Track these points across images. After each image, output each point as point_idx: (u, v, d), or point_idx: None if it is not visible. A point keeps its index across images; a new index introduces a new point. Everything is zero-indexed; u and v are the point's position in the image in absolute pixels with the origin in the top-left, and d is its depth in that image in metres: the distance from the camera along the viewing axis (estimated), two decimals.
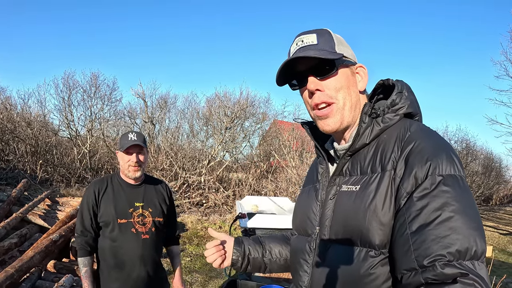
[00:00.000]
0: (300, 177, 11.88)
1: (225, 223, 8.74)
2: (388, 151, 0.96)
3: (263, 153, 15.80)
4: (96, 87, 13.57)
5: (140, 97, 14.45)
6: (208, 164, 12.26)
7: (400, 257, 0.85)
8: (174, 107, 16.22)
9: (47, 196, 6.17)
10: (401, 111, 1.02)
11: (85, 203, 2.30)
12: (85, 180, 10.95)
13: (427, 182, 0.85)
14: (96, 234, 2.31)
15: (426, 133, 0.95)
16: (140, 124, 14.99)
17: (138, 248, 2.30)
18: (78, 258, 2.28)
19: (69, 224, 4.98)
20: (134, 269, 2.29)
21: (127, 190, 2.38)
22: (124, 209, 2.31)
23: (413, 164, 0.88)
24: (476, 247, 0.77)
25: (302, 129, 10.70)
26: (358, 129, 1.02)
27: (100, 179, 2.42)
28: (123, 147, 2.29)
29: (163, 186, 2.59)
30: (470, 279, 0.73)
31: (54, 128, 13.09)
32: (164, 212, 2.48)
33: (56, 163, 11.44)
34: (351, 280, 0.95)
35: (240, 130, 14.87)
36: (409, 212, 0.85)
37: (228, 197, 11.21)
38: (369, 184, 0.96)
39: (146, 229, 2.34)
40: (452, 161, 0.87)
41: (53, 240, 4.41)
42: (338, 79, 1.03)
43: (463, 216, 0.79)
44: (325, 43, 1.02)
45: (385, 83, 1.07)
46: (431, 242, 0.78)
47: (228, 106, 13.96)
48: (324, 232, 1.05)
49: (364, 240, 0.93)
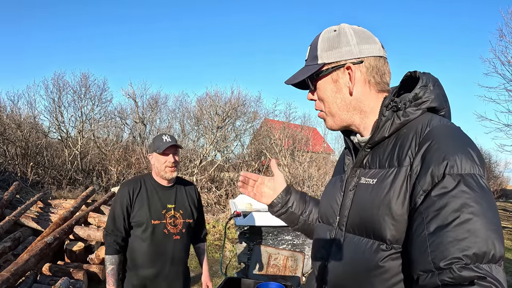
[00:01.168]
0: (292, 175, 11.93)
1: (218, 222, 8.73)
2: (406, 146, 0.95)
3: (254, 152, 15.84)
4: (86, 87, 13.51)
5: (130, 97, 14.40)
6: (200, 164, 12.24)
7: (417, 258, 0.84)
8: (165, 107, 16.21)
9: (39, 198, 6.13)
10: (424, 106, 1.00)
11: (119, 202, 2.33)
12: (77, 182, 10.85)
13: (446, 181, 0.83)
14: (126, 234, 2.35)
15: (446, 129, 0.93)
16: (131, 125, 14.93)
17: (169, 248, 2.37)
18: (106, 255, 2.32)
19: (63, 226, 4.95)
20: (164, 269, 2.36)
21: (160, 192, 2.43)
22: (158, 210, 2.36)
23: (430, 161, 0.87)
24: (494, 251, 0.75)
25: (293, 128, 10.80)
26: (378, 121, 1.02)
27: (133, 179, 2.48)
28: (160, 148, 2.33)
29: (193, 188, 2.66)
30: (487, 282, 0.72)
31: (44, 129, 12.96)
32: (194, 213, 2.55)
33: (47, 165, 11.32)
34: (362, 271, 0.97)
35: (231, 130, 14.88)
36: (427, 212, 0.83)
37: (220, 197, 11.21)
38: (385, 178, 0.96)
39: (177, 230, 2.41)
40: (471, 159, 0.85)
41: (47, 243, 4.39)
42: (320, 92, 1.10)
43: (482, 218, 0.77)
44: (311, 57, 1.10)
45: (412, 75, 1.06)
46: (449, 244, 0.77)
47: (219, 106, 13.96)
48: (342, 222, 1.07)
49: (377, 233, 0.94)
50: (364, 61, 1.04)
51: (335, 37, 1.06)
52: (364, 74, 1.05)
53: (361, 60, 1.04)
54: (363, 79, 1.05)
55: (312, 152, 14.86)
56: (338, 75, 1.06)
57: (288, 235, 5.21)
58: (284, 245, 5.14)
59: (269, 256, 4.56)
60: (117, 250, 2.31)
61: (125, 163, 11.43)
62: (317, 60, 1.07)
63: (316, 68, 1.06)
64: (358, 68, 1.04)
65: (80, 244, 4.94)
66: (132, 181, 2.44)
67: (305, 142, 15.10)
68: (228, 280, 2.81)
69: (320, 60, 1.06)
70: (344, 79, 1.05)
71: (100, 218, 5.55)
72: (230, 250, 6.58)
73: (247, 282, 2.97)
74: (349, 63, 1.04)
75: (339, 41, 1.05)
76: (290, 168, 12.42)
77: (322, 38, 1.08)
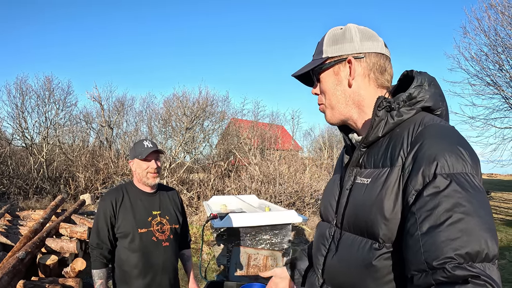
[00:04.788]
0: (262, 174, 11.99)
1: (192, 225, 8.66)
2: (398, 146, 0.96)
3: (222, 152, 15.81)
4: (50, 91, 13.07)
5: (96, 100, 14.01)
6: (169, 166, 12.11)
7: (410, 258, 0.85)
8: (132, 109, 15.88)
9: (6, 211, 5.88)
10: (418, 105, 1.01)
11: (102, 214, 2.27)
12: (44, 190, 10.48)
13: (437, 181, 0.83)
14: (112, 246, 2.30)
15: (438, 128, 0.94)
16: (97, 129, 14.55)
17: (160, 256, 2.34)
18: (93, 270, 2.26)
19: (34, 239, 4.77)
20: (156, 277, 2.33)
21: (144, 199, 2.39)
22: (144, 218, 2.32)
23: (421, 161, 0.88)
24: (487, 250, 0.76)
25: (262, 127, 10.84)
26: (372, 122, 1.04)
27: (114, 189, 2.41)
28: (142, 154, 2.31)
29: (175, 193, 2.64)
30: (481, 281, 0.73)
31: (7, 137, 12.48)
32: (179, 219, 2.53)
33: (12, 174, 10.89)
34: (356, 269, 0.99)
35: (200, 130, 14.78)
36: (419, 212, 0.84)
37: (192, 199, 11.13)
38: (378, 178, 0.98)
39: (166, 237, 2.39)
40: (463, 158, 0.85)
41: (19, 259, 4.21)
42: (322, 85, 1.15)
43: (474, 217, 0.78)
44: (317, 52, 1.16)
45: (409, 74, 1.08)
46: (441, 244, 0.78)
47: (187, 106, 13.83)
48: (339, 220, 1.11)
49: (370, 232, 0.97)
50: (365, 56, 1.08)
51: (340, 34, 1.12)
52: (364, 68, 1.08)
53: (363, 55, 1.08)
54: (363, 73, 1.09)
55: (281, 150, 15.01)
56: (340, 68, 1.11)
57: (266, 235, 5.26)
58: (263, 245, 5.19)
59: (248, 256, 4.59)
60: (104, 263, 2.27)
61: (93, 169, 11.15)
62: (322, 54, 1.13)
63: (320, 61, 1.12)
64: (359, 62, 1.08)
65: (53, 257, 4.77)
66: (114, 190, 2.39)
67: (274, 141, 15.23)
68: (211, 284, 2.82)
69: (324, 54, 1.12)
70: (345, 72, 1.10)
71: (72, 228, 5.38)
72: (207, 253, 6.56)
73: (229, 285, 2.99)
74: (350, 56, 1.08)
75: (344, 37, 1.10)
76: (261, 167, 12.48)
77: (328, 35, 1.14)
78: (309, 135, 19.58)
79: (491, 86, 12.95)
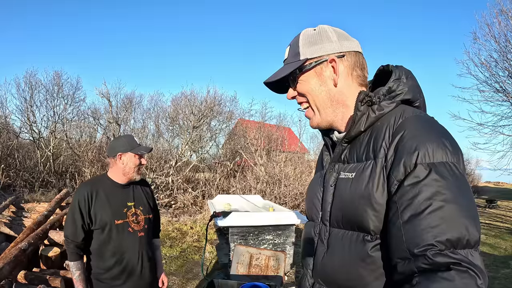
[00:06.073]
0: (268, 174, 11.98)
1: (195, 223, 8.66)
2: (380, 138, 0.97)
3: (229, 152, 15.81)
4: (59, 86, 13.14)
5: (104, 96, 14.02)
6: (175, 165, 12.11)
7: (394, 246, 0.87)
8: (140, 106, 15.92)
9: (11, 202, 5.90)
10: (398, 98, 1.02)
11: (76, 206, 2.25)
12: (49, 184, 10.55)
13: (417, 170, 0.85)
14: (88, 237, 2.29)
15: (419, 119, 0.95)
16: (105, 125, 14.58)
17: (136, 246, 2.36)
18: (70, 262, 2.25)
19: (37, 231, 4.78)
20: (135, 268, 2.35)
21: (119, 191, 2.40)
22: (119, 209, 2.34)
23: (402, 151, 0.89)
24: (468, 236, 0.78)
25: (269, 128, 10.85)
26: (354, 117, 1.04)
27: (89, 181, 2.42)
28: (139, 150, 2.38)
29: (146, 183, 2.68)
30: (463, 267, 0.74)
31: (15, 130, 12.56)
32: (152, 208, 2.58)
33: (18, 167, 10.97)
34: (350, 264, 0.99)
35: (207, 130, 14.78)
36: (400, 201, 0.86)
37: (196, 197, 11.15)
38: (363, 171, 0.98)
39: (141, 227, 2.42)
40: (444, 148, 0.87)
41: (22, 249, 4.23)
42: (303, 87, 1.11)
43: (454, 205, 0.80)
44: (292, 55, 1.12)
45: (385, 69, 1.09)
46: (422, 231, 0.80)
47: (195, 105, 13.84)
48: (326, 217, 1.10)
49: (360, 225, 0.97)
50: (346, 55, 1.08)
51: (316, 35, 1.10)
52: (346, 67, 1.08)
53: (343, 54, 1.07)
54: (346, 72, 1.08)
55: (288, 151, 14.97)
56: (322, 68, 1.09)
57: (269, 235, 5.23)
58: (266, 245, 5.16)
59: (250, 256, 4.55)
60: (80, 255, 2.27)
61: (99, 164, 11.19)
62: (299, 56, 1.09)
63: (299, 64, 1.08)
64: (341, 62, 1.08)
65: (55, 250, 4.79)
66: (88, 182, 2.38)
67: (280, 142, 15.19)
68: (211, 282, 2.80)
69: (302, 56, 1.09)
70: (328, 72, 1.09)
71: None
72: (210, 251, 6.54)
73: (230, 284, 2.97)
74: (333, 56, 1.07)
75: (321, 38, 1.09)
76: (267, 168, 12.46)
77: (303, 36, 1.11)
78: (316, 138, 19.49)
79: (500, 93, 12.78)
